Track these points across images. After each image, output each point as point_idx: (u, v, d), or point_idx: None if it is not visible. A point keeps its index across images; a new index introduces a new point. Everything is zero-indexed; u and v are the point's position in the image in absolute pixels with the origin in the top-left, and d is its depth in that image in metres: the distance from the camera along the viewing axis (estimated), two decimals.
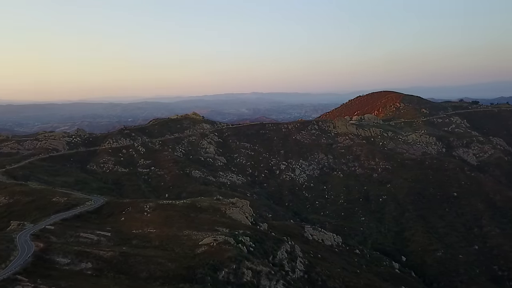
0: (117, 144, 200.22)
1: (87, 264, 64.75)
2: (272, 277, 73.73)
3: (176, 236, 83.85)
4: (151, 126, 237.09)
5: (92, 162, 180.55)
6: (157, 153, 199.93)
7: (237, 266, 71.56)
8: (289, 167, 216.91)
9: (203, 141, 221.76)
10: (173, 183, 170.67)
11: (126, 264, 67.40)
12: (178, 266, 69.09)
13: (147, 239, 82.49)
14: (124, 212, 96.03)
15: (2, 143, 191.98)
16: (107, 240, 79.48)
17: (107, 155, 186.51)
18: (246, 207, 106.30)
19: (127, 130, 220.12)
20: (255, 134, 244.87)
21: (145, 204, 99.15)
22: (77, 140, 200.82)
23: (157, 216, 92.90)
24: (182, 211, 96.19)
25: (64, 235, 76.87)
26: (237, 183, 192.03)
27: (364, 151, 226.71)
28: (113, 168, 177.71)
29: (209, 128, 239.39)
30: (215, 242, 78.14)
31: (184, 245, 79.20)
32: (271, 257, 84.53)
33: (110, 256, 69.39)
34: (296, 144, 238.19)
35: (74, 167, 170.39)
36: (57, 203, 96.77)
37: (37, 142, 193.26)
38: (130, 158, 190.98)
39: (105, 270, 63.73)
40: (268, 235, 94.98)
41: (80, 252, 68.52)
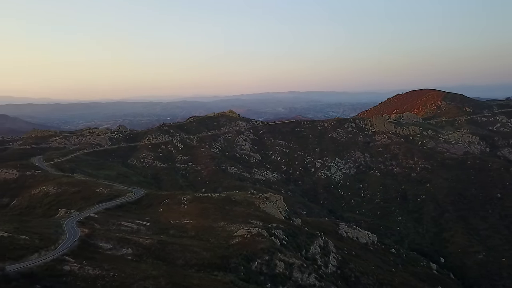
0: (157, 140, 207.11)
1: (128, 250, 68.31)
2: (305, 270, 74.54)
3: (211, 227, 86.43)
4: (189, 123, 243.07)
5: (132, 157, 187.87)
6: (195, 149, 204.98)
7: (269, 258, 73.00)
8: (324, 165, 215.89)
9: (238, 138, 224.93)
10: (210, 178, 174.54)
11: (164, 252, 70.50)
12: (212, 255, 71.43)
13: (184, 229, 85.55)
14: (162, 203, 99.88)
15: (50, 138, 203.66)
16: (146, 229, 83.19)
17: (147, 151, 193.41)
18: (279, 202, 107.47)
19: (166, 127, 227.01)
20: (290, 132, 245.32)
21: (182, 196, 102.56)
22: (119, 136, 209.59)
23: (193, 208, 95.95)
24: (217, 203, 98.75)
25: (107, 223, 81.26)
26: (271, 180, 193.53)
27: (402, 149, 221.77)
28: (153, 163, 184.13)
29: (244, 126, 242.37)
30: (249, 234, 79.95)
31: (219, 236, 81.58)
32: (304, 251, 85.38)
33: (149, 244, 72.79)
34: (332, 142, 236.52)
35: (116, 161, 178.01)
36: (101, 193, 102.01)
37: (82, 137, 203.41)
38: (168, 153, 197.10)
39: (144, 256, 67.01)
40: (301, 230, 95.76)
41: (121, 238, 72.37)
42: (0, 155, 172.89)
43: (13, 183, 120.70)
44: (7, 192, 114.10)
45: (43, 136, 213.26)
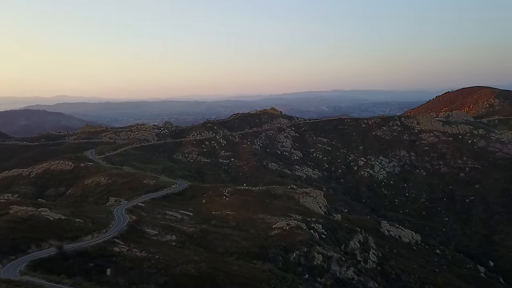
0: (201, 136, 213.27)
1: (172, 237, 71.97)
2: (343, 264, 74.90)
3: (251, 218, 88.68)
4: (232, 120, 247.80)
5: (177, 152, 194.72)
6: (237, 146, 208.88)
7: (308, 250, 74.09)
8: (367, 163, 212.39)
9: (280, 135, 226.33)
10: (251, 173, 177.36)
11: (205, 240, 73.57)
12: (252, 245, 73.58)
13: (225, 220, 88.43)
14: (205, 195, 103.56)
15: (102, 134, 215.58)
16: (189, 219, 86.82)
17: (191, 146, 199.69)
18: (319, 197, 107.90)
19: (210, 124, 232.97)
20: (332, 129, 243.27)
21: (224, 189, 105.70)
22: (165, 132, 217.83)
23: (234, 200, 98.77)
24: (257, 196, 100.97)
25: (153, 212, 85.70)
26: (312, 177, 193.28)
27: (450, 149, 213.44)
28: (197, 158, 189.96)
29: (286, 123, 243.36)
30: (288, 226, 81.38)
31: (258, 227, 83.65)
32: (343, 246, 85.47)
33: (192, 232, 76.16)
34: (376, 140, 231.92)
35: (162, 156, 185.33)
36: (147, 185, 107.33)
37: (131, 133, 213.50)
38: (212, 149, 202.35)
39: (187, 242, 70.35)
40: (341, 225, 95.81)
41: (166, 226, 76.28)
42: (57, 148, 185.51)
43: (68, 173, 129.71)
44: (64, 182, 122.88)
45: (95, 132, 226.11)
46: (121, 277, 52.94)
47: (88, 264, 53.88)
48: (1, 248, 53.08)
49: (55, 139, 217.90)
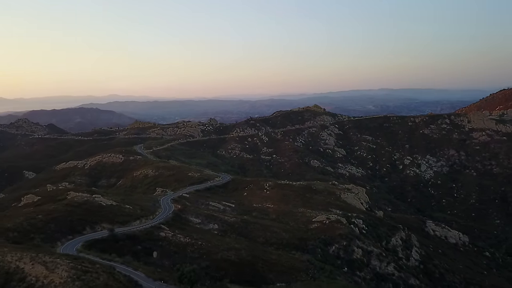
0: (244, 133, 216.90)
1: (214, 225, 74.85)
2: (383, 259, 74.38)
3: (291, 212, 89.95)
4: (274, 118, 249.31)
5: (221, 148, 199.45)
6: (279, 142, 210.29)
7: (347, 243, 74.28)
8: (414, 162, 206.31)
9: (323, 133, 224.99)
10: (292, 170, 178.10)
11: (246, 229, 75.77)
12: (291, 237, 74.88)
13: (265, 212, 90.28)
14: (246, 188, 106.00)
15: (150, 130, 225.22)
16: (231, 210, 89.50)
17: (235, 142, 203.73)
18: (361, 193, 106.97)
19: (253, 121, 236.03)
20: (378, 127, 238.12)
21: (265, 183, 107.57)
22: (209, 129, 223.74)
23: (275, 194, 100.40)
24: (298, 191, 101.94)
25: (197, 202, 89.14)
26: (356, 175, 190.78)
27: (504, 148, 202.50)
28: (239, 154, 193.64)
29: (329, 120, 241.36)
30: (328, 220, 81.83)
31: (298, 220, 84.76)
32: (384, 242, 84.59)
33: (233, 222, 78.69)
34: (424, 138, 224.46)
35: (206, 151, 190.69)
36: (192, 177, 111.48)
37: (177, 129, 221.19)
38: (254, 146, 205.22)
39: (228, 231, 72.91)
40: (382, 222, 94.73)
41: (209, 215, 79.33)
42: (109, 143, 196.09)
43: (119, 166, 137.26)
44: (114, 174, 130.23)
45: (143, 128, 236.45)
46: (166, 259, 56.10)
47: (137, 247, 57.62)
48: (61, 229, 58.07)
49: (107, 135, 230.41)
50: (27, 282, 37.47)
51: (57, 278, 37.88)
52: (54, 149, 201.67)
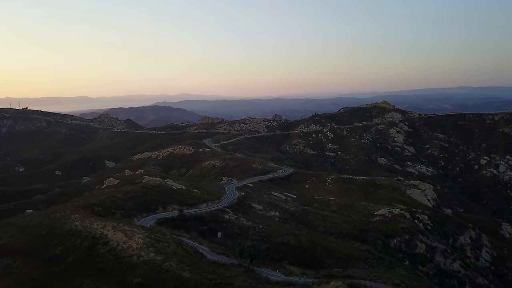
0: (308, 129, 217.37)
1: (275, 213, 77.60)
2: (448, 256, 72.07)
3: (353, 205, 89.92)
4: (340, 114, 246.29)
5: (285, 143, 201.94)
6: (344, 139, 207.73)
7: (410, 238, 73.05)
8: (491, 162, 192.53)
9: (391, 130, 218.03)
10: (358, 167, 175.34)
11: (307, 219, 77.56)
12: (351, 228, 75.30)
13: (327, 204, 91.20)
14: (308, 181, 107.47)
15: (218, 125, 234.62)
16: (292, 201, 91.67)
17: (299, 138, 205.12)
18: (428, 190, 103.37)
19: (318, 117, 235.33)
20: (451, 125, 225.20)
21: (328, 177, 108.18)
22: (274, 125, 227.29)
23: (337, 187, 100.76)
24: (361, 185, 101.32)
25: (259, 191, 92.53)
26: (426, 175, 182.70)
27: None
28: (303, 149, 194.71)
29: (399, 117, 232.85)
30: (390, 214, 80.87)
31: (359, 213, 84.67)
32: (451, 240, 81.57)
33: (294, 211, 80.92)
34: (503, 137, 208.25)
35: (270, 146, 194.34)
36: (256, 169, 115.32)
37: (243, 125, 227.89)
38: (319, 142, 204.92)
39: (289, 219, 75.25)
40: (450, 219, 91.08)
41: (270, 203, 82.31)
42: (180, 137, 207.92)
43: (189, 157, 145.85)
44: (185, 164, 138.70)
45: (212, 123, 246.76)
46: (229, 240, 59.79)
47: (203, 227, 62.12)
48: (137, 207, 64.44)
49: (179, 129, 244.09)
50: (109, 246, 42.98)
51: (134, 244, 42.98)
52: (131, 142, 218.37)
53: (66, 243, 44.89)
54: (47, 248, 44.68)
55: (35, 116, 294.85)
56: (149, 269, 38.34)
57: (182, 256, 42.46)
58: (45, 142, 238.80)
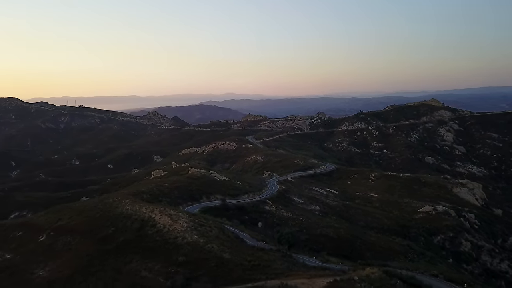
0: (353, 127, 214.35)
1: (316, 207, 78.42)
2: (496, 255, 69.52)
3: (396, 202, 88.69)
4: (386, 112, 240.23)
5: (328, 141, 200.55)
6: (390, 137, 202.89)
7: (454, 235, 71.28)
8: None
9: (440, 129, 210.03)
10: (403, 166, 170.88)
11: (347, 213, 77.71)
12: (393, 223, 74.62)
13: (369, 200, 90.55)
14: (351, 177, 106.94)
15: (261, 122, 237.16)
16: (334, 196, 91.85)
17: (343, 136, 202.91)
18: (477, 189, 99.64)
19: (363, 115, 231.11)
20: (506, 124, 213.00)
21: (371, 173, 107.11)
22: (317, 122, 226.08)
23: (380, 184, 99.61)
24: (405, 183, 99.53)
25: (300, 186, 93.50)
26: (476, 175, 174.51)
27: None
28: (347, 147, 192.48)
29: (448, 116, 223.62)
30: (434, 211, 79.20)
31: (402, 210, 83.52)
32: (500, 241, 78.45)
33: (335, 205, 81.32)
34: None
35: (313, 144, 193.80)
36: (297, 164, 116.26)
37: (286, 122, 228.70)
38: (363, 140, 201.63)
39: (329, 213, 75.80)
40: (500, 220, 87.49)
41: (311, 197, 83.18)
42: (224, 133, 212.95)
43: (232, 153, 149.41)
44: (228, 159, 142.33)
45: (255, 120, 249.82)
46: (269, 230, 61.44)
47: (244, 216, 64.30)
48: (182, 195, 67.87)
49: (223, 126, 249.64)
50: (157, 228, 46.08)
51: (179, 227, 45.81)
52: (178, 138, 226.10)
53: (118, 224, 48.60)
54: (101, 229, 48.61)
55: (89, 113, 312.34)
56: (192, 249, 40.86)
57: (223, 240, 44.72)
58: (98, 138, 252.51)
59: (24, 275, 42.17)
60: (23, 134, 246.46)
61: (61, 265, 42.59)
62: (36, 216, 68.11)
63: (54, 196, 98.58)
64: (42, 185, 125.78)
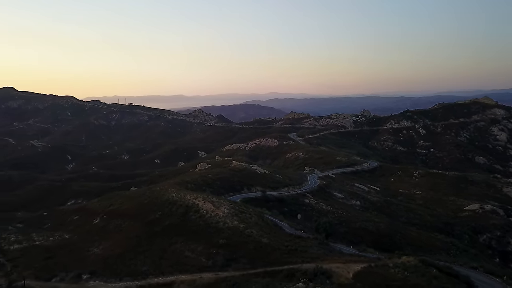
0: (398, 125, 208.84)
1: (356, 202, 78.35)
2: None
3: (440, 200, 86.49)
4: (435, 110, 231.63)
5: (373, 139, 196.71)
6: (438, 136, 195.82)
7: (501, 235, 68.74)
8: None
9: (493, 128, 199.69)
10: (452, 166, 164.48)
11: (388, 209, 76.94)
12: (436, 221, 73.08)
13: (412, 197, 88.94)
14: (394, 174, 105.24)
15: (303, 120, 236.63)
16: (375, 192, 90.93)
17: (388, 134, 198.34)
18: None
19: (410, 113, 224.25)
20: None
21: (415, 171, 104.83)
22: (362, 120, 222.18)
23: (425, 182, 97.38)
24: (450, 181, 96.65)
25: (342, 182, 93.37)
26: None
27: None
28: (392, 146, 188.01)
29: (502, 114, 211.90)
30: (481, 210, 76.70)
31: (447, 208, 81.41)
32: None
33: (376, 201, 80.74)
34: None
35: (357, 142, 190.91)
36: (339, 161, 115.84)
37: (330, 120, 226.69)
38: (409, 138, 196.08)
39: (370, 208, 75.48)
40: None
41: (352, 193, 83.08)
42: (266, 131, 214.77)
43: (274, 149, 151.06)
44: (270, 155, 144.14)
45: (298, 118, 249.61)
46: (308, 221, 62.54)
47: (283, 208, 65.78)
48: (224, 186, 70.52)
49: (265, 124, 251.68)
50: (200, 213, 48.73)
51: (221, 213, 48.19)
52: (222, 135, 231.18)
53: (164, 209, 51.84)
54: (149, 213, 52.07)
55: (138, 111, 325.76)
56: (232, 233, 43.04)
57: (262, 226, 46.58)
58: (146, 134, 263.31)
59: (81, 252, 46.22)
60: (78, 130, 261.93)
61: (113, 244, 46.27)
62: (90, 202, 73.55)
63: (106, 186, 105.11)
64: (95, 177, 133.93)
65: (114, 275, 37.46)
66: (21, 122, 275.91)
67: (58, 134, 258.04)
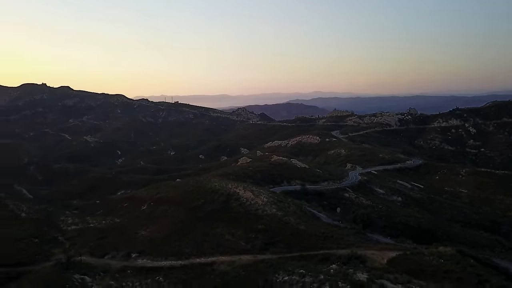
0: (447, 123, 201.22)
1: (398, 198, 77.49)
2: None
3: (488, 198, 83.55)
4: (487, 108, 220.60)
5: (419, 138, 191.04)
6: (490, 135, 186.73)
7: None
8: None
9: None
10: (504, 166, 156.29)
11: (431, 206, 75.47)
12: (482, 219, 70.93)
13: (457, 196, 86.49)
14: (439, 172, 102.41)
15: (347, 118, 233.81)
16: (419, 190, 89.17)
17: (435, 133, 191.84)
18: None
19: (459, 111, 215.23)
20: None
21: (461, 169, 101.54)
22: (408, 118, 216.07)
23: (471, 180, 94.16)
24: (499, 180, 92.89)
25: (384, 179, 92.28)
26: None
27: None
28: (439, 145, 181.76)
29: None
30: None
31: (494, 207, 78.71)
32: None
33: (418, 197, 79.45)
34: None
35: (402, 141, 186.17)
36: (382, 158, 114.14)
37: (374, 118, 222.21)
38: (458, 137, 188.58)
39: (411, 204, 74.44)
40: None
41: (394, 189, 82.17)
42: (308, 129, 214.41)
43: (315, 146, 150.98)
44: (311, 152, 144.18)
45: (341, 116, 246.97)
46: (347, 215, 63.07)
47: (323, 201, 66.54)
48: (265, 178, 72.37)
49: (308, 122, 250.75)
50: (240, 201, 50.86)
51: (260, 201, 50.05)
52: (264, 132, 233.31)
53: (207, 197, 54.50)
54: (192, 200, 54.94)
55: (184, 109, 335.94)
56: (270, 220, 44.76)
57: (300, 215, 47.96)
58: (191, 131, 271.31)
59: (130, 234, 49.79)
60: (127, 127, 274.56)
61: (160, 228, 49.44)
62: (138, 191, 78.15)
63: (153, 178, 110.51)
64: (143, 170, 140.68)
65: (160, 255, 40.26)
66: (76, 119, 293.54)
67: (109, 130, 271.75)
